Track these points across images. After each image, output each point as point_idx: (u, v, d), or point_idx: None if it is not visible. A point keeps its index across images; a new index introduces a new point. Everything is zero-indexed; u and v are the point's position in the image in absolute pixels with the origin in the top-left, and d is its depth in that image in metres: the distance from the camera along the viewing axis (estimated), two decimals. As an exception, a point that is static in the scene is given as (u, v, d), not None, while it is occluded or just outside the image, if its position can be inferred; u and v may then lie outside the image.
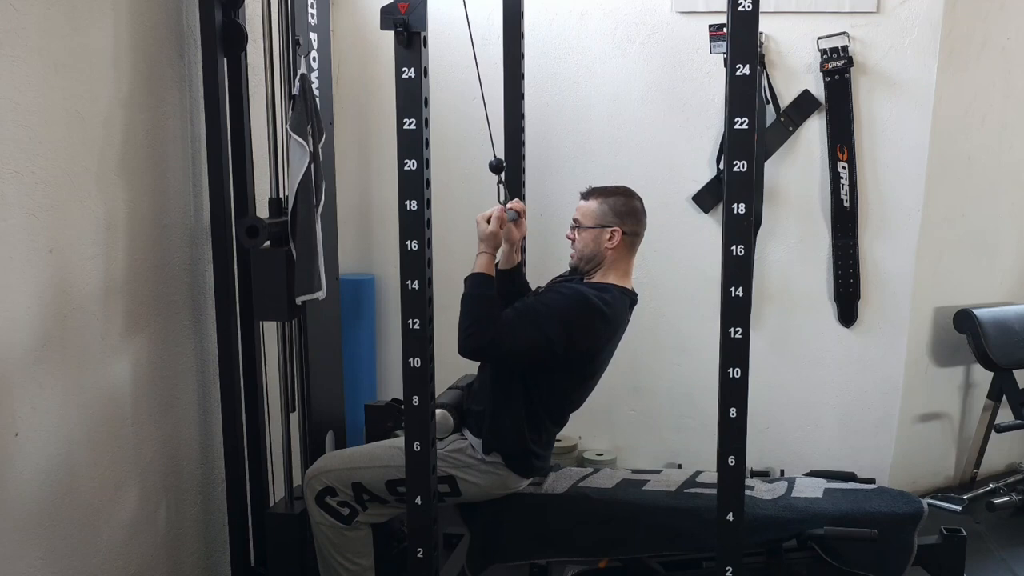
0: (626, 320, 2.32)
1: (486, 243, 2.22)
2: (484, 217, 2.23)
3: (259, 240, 2.22)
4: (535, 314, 2.14)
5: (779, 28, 3.21)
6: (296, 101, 2.23)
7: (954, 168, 3.36)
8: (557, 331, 2.12)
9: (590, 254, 2.28)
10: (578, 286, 2.24)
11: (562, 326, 2.13)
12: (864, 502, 2.24)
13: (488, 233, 2.21)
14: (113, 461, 2.26)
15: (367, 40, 3.41)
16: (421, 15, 1.83)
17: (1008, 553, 3.09)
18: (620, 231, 2.26)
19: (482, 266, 2.20)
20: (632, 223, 2.28)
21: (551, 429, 2.33)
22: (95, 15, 2.12)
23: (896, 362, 3.38)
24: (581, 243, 2.29)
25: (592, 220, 2.27)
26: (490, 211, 2.24)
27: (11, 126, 1.89)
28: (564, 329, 2.13)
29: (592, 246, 2.27)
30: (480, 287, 2.17)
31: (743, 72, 1.75)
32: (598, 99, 3.36)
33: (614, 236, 2.26)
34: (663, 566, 2.30)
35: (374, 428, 2.46)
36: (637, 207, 2.30)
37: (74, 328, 2.10)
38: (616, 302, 2.23)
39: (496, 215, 2.23)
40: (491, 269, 2.21)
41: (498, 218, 2.23)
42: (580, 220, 2.30)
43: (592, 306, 2.17)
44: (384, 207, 3.51)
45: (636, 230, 2.30)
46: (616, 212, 2.27)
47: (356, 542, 2.29)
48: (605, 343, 2.26)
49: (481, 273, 2.19)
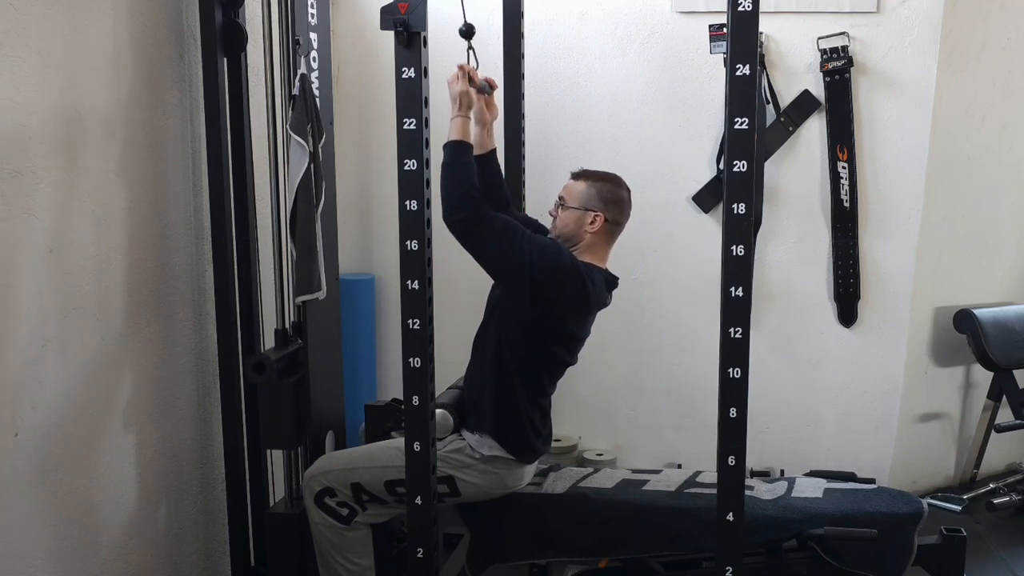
0: (606, 299, 2.30)
1: (460, 105, 2.16)
2: (454, 76, 2.18)
3: (266, 376, 2.25)
4: (526, 237, 2.11)
5: (779, 28, 3.21)
6: (296, 101, 2.23)
7: (954, 168, 3.36)
8: (536, 266, 2.08)
9: (569, 234, 2.27)
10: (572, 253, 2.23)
11: (542, 266, 2.10)
12: (864, 502, 2.24)
13: (459, 92, 2.16)
14: (113, 461, 2.26)
15: (367, 40, 3.41)
16: (421, 15, 1.83)
17: (1008, 553, 3.09)
18: (603, 217, 2.25)
19: (459, 131, 2.13)
20: (615, 212, 2.27)
21: (545, 403, 2.31)
22: (95, 15, 2.12)
23: (896, 362, 3.38)
24: (561, 222, 2.28)
25: (577, 201, 2.26)
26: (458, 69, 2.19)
27: (11, 126, 1.88)
28: (542, 269, 2.10)
29: (572, 226, 2.26)
30: (461, 155, 2.11)
31: (743, 72, 1.75)
32: (598, 99, 3.36)
33: (596, 221, 2.25)
34: (663, 566, 2.30)
35: (374, 428, 2.46)
36: (623, 197, 2.29)
37: (74, 328, 2.10)
38: (597, 280, 2.22)
39: (464, 71, 2.18)
40: (468, 135, 2.16)
41: (466, 75, 2.17)
42: (565, 199, 2.29)
43: (578, 272, 2.16)
44: (384, 207, 3.51)
45: (618, 219, 2.29)
46: (602, 198, 2.26)
47: (356, 542, 2.29)
48: (577, 313, 2.23)
49: (459, 140, 2.13)
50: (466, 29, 2.29)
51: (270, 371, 2.24)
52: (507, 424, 2.23)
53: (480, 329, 2.32)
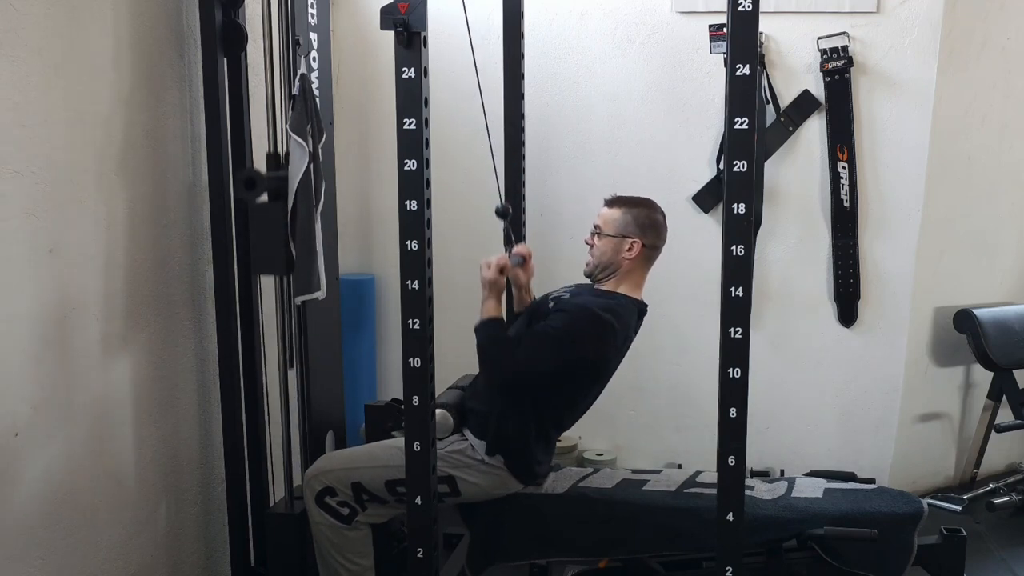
0: (635, 329, 2.33)
1: (488, 290, 2.24)
2: (486, 263, 2.26)
3: (256, 192, 2.20)
4: (547, 339, 2.16)
5: (779, 28, 3.21)
6: (296, 101, 2.23)
7: (954, 168, 3.36)
8: (570, 352, 2.15)
9: (607, 262, 2.29)
10: (582, 300, 2.25)
11: (575, 346, 2.15)
12: (864, 502, 2.24)
13: (488, 280, 2.24)
14: (113, 461, 2.26)
15: (367, 40, 3.41)
16: (421, 15, 1.83)
17: (1008, 553, 3.09)
18: (640, 243, 2.27)
19: (489, 311, 2.23)
20: (652, 236, 2.30)
21: (554, 435, 2.34)
22: (95, 15, 2.12)
23: (896, 362, 3.38)
24: (599, 250, 2.30)
25: (613, 228, 2.29)
26: (493, 258, 2.26)
27: (11, 126, 1.88)
28: (577, 349, 2.16)
29: (610, 254, 2.28)
30: (493, 330, 2.20)
31: (743, 72, 1.75)
32: (598, 99, 3.36)
33: (633, 247, 2.27)
34: (663, 566, 2.30)
35: (374, 428, 2.46)
36: (659, 221, 2.32)
37: (74, 328, 2.10)
38: (623, 310, 2.24)
39: (496, 263, 2.25)
40: (499, 311, 2.25)
41: (499, 266, 2.25)
42: (601, 227, 2.31)
43: (601, 321, 2.18)
44: (384, 207, 3.51)
45: (656, 244, 2.32)
46: (639, 224, 2.28)
47: (356, 542, 2.29)
48: (614, 354, 2.27)
49: (490, 319, 2.22)
50: (502, 210, 2.35)
51: (260, 187, 2.19)
52: (511, 449, 2.24)
53: None
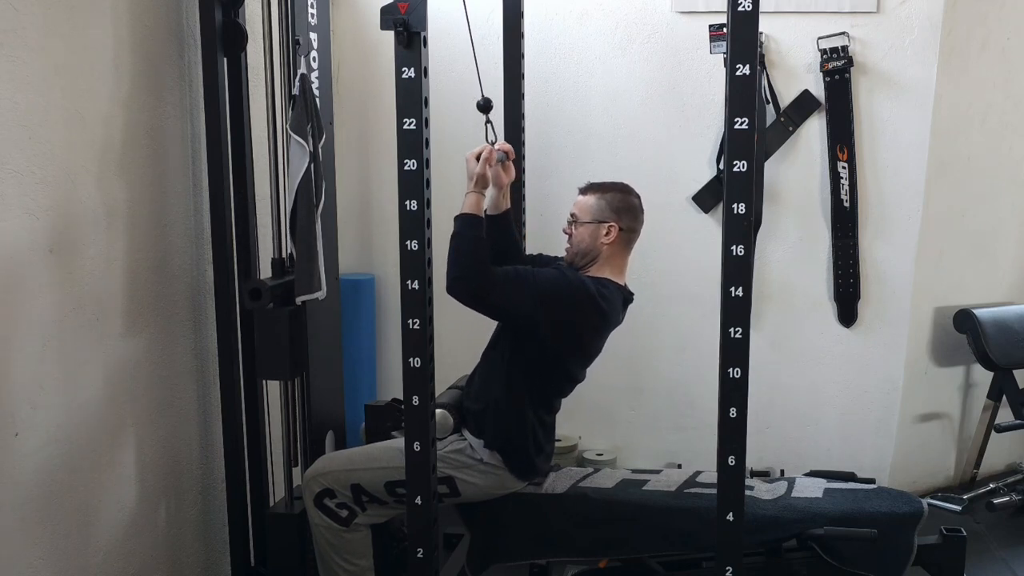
0: (620, 317, 2.31)
1: (475, 183, 2.20)
2: (474, 155, 2.21)
3: (262, 303, 2.24)
4: (530, 281, 2.13)
5: (779, 28, 3.21)
6: (296, 101, 2.23)
7: (954, 168, 3.36)
8: (547, 304, 2.11)
9: (586, 249, 2.28)
10: (578, 273, 2.24)
11: (553, 301, 2.12)
12: (864, 502, 2.24)
13: (477, 173, 2.20)
14: (113, 461, 2.26)
15: (367, 40, 3.41)
16: (421, 15, 1.83)
17: (1008, 553, 3.09)
18: (617, 227, 2.26)
19: (471, 206, 2.18)
20: (629, 219, 2.28)
21: (546, 420, 2.32)
22: (95, 15, 2.12)
23: (896, 362, 3.38)
24: (577, 238, 2.29)
25: (589, 215, 2.27)
26: (479, 149, 2.22)
27: (11, 126, 1.88)
28: (553, 304, 2.12)
29: (588, 241, 2.27)
30: (470, 228, 2.14)
31: (743, 72, 1.75)
32: (598, 99, 3.36)
33: (611, 232, 2.25)
34: (663, 566, 2.29)
35: (374, 428, 2.46)
36: (634, 204, 2.30)
37: (74, 328, 2.10)
38: (612, 296, 2.23)
39: (485, 155, 2.21)
40: (480, 209, 2.20)
41: (486, 158, 2.21)
42: (577, 215, 2.30)
43: (588, 293, 2.17)
44: (384, 207, 3.51)
45: (633, 227, 2.30)
46: (613, 208, 2.27)
47: (355, 543, 2.29)
48: (594, 333, 2.25)
49: (470, 214, 2.17)
50: (484, 103, 2.29)
51: (266, 297, 2.22)
52: (511, 442, 2.24)
53: (489, 347, 2.32)
